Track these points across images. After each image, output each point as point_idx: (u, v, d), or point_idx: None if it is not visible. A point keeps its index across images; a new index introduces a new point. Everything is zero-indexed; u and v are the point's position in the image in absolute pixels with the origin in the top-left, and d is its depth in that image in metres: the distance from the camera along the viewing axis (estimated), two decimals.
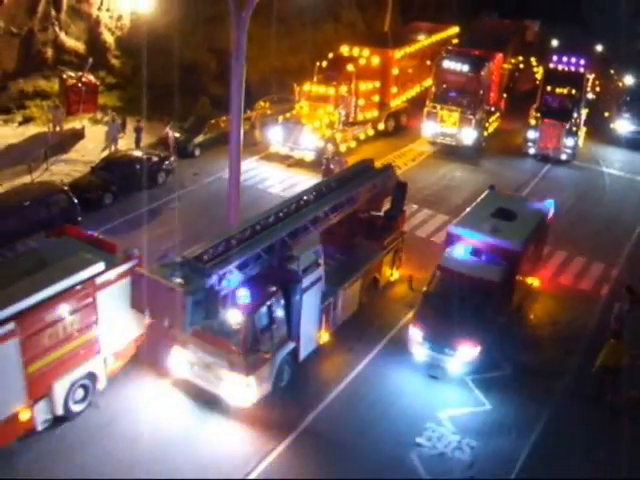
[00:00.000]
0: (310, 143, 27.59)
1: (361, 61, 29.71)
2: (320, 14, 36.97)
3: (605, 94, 36.41)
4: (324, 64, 29.79)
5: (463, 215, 18.58)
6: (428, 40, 34.68)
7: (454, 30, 38.11)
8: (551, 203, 19.86)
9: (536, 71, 37.73)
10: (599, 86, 36.21)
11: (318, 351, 16.51)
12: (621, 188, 28.72)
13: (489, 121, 31.62)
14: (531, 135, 30.42)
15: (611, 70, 38.16)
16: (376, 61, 30.15)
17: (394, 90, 31.56)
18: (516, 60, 37.81)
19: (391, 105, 31.82)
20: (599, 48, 39.77)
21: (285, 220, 15.52)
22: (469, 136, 29.67)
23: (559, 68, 32.35)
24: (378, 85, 30.48)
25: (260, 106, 32.02)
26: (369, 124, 30.79)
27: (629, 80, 34.98)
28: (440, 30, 36.95)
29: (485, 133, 31.09)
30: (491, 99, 32.09)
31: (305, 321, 15.31)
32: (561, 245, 22.13)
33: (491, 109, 32.03)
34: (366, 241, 18.55)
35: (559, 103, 30.85)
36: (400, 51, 31.49)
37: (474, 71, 29.54)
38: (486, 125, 31.12)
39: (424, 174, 27.68)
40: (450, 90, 29.80)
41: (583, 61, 32.47)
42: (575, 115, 30.41)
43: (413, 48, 32.94)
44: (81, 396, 14.25)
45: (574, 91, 30.92)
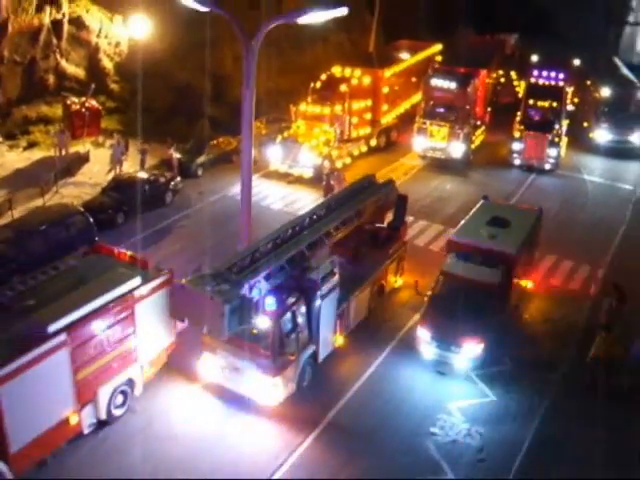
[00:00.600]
0: (308, 161, 28.98)
1: (353, 81, 31.32)
2: (309, 36, 38.48)
3: (583, 105, 38.06)
4: (318, 85, 31.35)
5: (461, 224, 20.07)
6: (414, 58, 36.34)
7: (437, 47, 39.77)
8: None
9: (517, 85, 39.55)
10: (577, 98, 37.98)
11: (334, 353, 17.87)
12: (602, 194, 30.39)
13: (475, 134, 33.19)
14: (516, 147, 32.08)
15: (588, 82, 39.97)
16: (367, 81, 31.74)
17: (384, 107, 33.16)
18: (497, 74, 39.54)
19: (382, 122, 33.39)
20: (577, 62, 41.63)
21: (302, 234, 16.90)
22: (458, 150, 31.24)
23: (540, 82, 34.16)
24: (370, 103, 32.05)
25: (256, 126, 33.33)
26: (362, 141, 32.32)
27: (606, 92, 36.66)
28: (423, 48, 38.50)
29: (472, 146, 32.65)
30: (477, 113, 33.73)
31: (323, 325, 16.71)
32: (550, 249, 23.61)
33: (477, 123, 33.62)
34: (372, 251, 19.95)
35: (541, 116, 32.64)
36: (389, 70, 33.11)
37: (461, 88, 31.19)
38: (473, 138, 32.71)
39: (417, 187, 29.13)
40: (438, 106, 31.37)
41: (562, 75, 34.27)
42: (557, 127, 32.11)
43: (401, 67, 34.59)
44: (121, 401, 15.47)
45: (555, 104, 32.71)
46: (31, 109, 32.36)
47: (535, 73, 34.81)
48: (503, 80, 40.08)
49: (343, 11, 16.32)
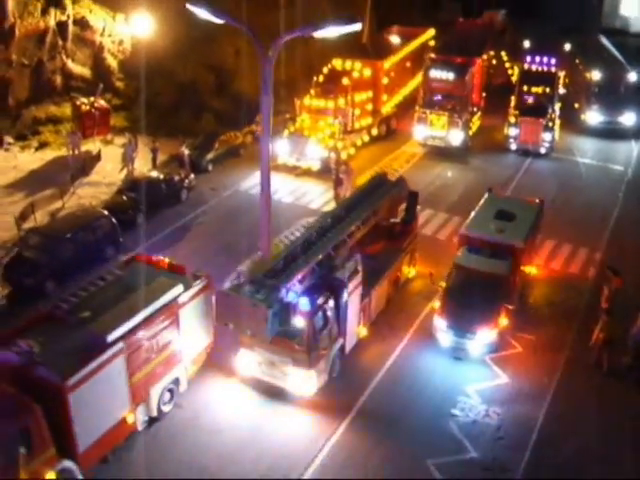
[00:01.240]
0: (315, 153, 30.12)
1: (354, 74, 32.36)
2: None
3: (574, 86, 39.21)
4: (320, 78, 32.37)
5: (470, 218, 21.41)
6: (410, 46, 37.29)
7: (430, 33, 40.63)
8: None
9: (508, 65, 40.54)
10: (568, 79, 39.06)
11: (358, 344, 19.31)
12: (595, 176, 31.82)
13: (472, 121, 34.40)
14: (512, 132, 33.37)
15: (577, 61, 40.97)
16: (368, 73, 32.81)
17: (384, 97, 34.27)
18: (489, 55, 40.44)
19: (382, 111, 34.53)
20: (567, 46, 42.62)
21: (327, 235, 18.21)
22: (457, 137, 32.43)
23: (533, 68, 35.36)
24: (370, 94, 33.17)
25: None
26: (364, 131, 33.47)
27: (596, 74, 37.76)
28: (416, 33, 39.14)
29: (470, 132, 33.83)
30: (473, 100, 34.90)
31: (350, 320, 18.15)
32: (550, 234, 24.91)
33: (474, 109, 34.82)
34: (389, 245, 21.33)
35: (535, 101, 33.91)
36: (388, 61, 34.18)
37: (459, 77, 32.39)
38: (470, 125, 33.91)
39: (420, 175, 30.31)
40: (437, 96, 32.56)
41: (554, 60, 35.49)
42: (550, 111, 33.37)
43: (398, 57, 35.61)
44: (168, 398, 16.84)
45: (548, 89, 33.99)
46: (40, 110, 33.13)
47: (528, 59, 35.98)
48: (495, 62, 40.95)
49: (357, 26, 17.31)
